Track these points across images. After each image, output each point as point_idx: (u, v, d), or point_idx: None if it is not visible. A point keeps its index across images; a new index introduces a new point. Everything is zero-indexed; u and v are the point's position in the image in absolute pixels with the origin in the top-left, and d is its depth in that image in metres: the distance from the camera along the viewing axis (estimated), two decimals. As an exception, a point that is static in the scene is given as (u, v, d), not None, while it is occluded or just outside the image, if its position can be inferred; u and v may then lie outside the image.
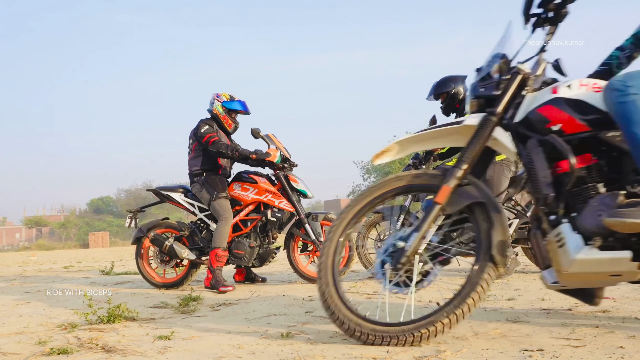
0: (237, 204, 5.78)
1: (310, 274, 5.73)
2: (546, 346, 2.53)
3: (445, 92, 5.69)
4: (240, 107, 5.91)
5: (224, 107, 5.86)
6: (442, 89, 5.72)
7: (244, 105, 5.93)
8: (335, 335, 3.10)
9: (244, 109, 5.92)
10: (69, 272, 9.75)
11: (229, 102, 5.88)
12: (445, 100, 5.73)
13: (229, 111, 5.88)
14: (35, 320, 4.08)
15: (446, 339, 2.82)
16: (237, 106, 5.88)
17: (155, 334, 3.34)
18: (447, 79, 5.74)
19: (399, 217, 5.63)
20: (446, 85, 5.71)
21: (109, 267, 9.08)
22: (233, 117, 5.91)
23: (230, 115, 5.88)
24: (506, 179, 5.47)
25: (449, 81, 5.72)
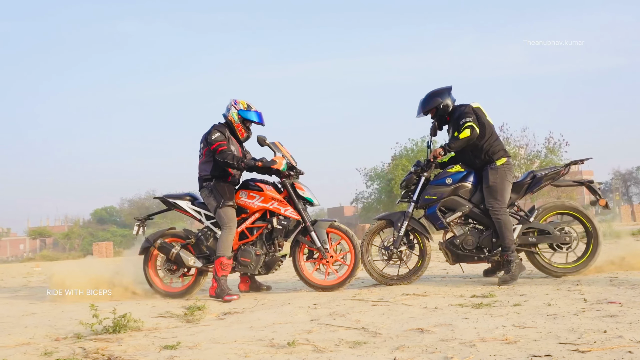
0: (243, 212, 5.77)
1: (316, 282, 5.72)
2: (554, 352, 2.53)
3: (434, 108, 5.71)
4: (257, 118, 5.89)
5: (240, 116, 5.84)
6: (429, 104, 5.72)
7: (259, 117, 5.91)
8: (341, 342, 3.09)
9: (259, 121, 5.89)
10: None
11: (246, 111, 5.86)
12: (435, 115, 5.74)
13: (244, 120, 5.86)
14: (41, 331, 4.08)
15: (453, 345, 2.81)
16: (253, 117, 5.86)
17: (161, 343, 3.34)
18: (432, 93, 5.75)
19: (402, 224, 5.62)
20: (433, 100, 5.71)
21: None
22: (247, 127, 5.88)
23: (244, 124, 5.86)
24: (509, 183, 5.46)
25: (435, 96, 5.72)
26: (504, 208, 5.39)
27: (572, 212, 5.54)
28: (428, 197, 5.61)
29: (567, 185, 5.91)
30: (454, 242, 5.55)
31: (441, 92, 5.73)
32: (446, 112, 5.69)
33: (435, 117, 5.75)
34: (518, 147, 30.08)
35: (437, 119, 5.74)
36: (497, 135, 5.67)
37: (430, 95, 5.76)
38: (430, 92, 5.77)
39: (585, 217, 5.49)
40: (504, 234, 5.31)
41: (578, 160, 5.82)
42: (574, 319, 3.34)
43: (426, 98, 5.78)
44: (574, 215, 5.54)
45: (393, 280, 5.67)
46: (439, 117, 5.73)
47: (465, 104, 5.63)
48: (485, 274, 5.92)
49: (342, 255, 5.74)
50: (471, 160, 5.59)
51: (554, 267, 5.47)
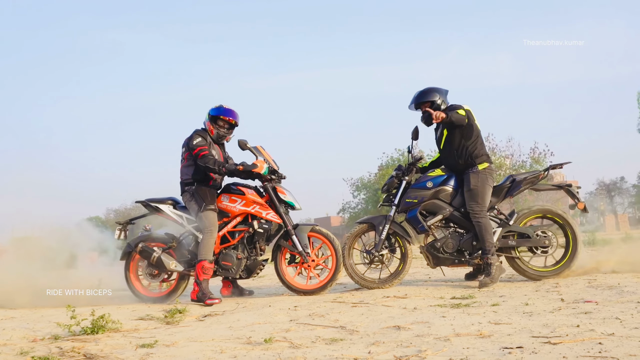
0: (225, 216, 5.76)
1: (298, 286, 5.71)
2: (526, 344, 2.55)
3: (430, 102, 5.69)
4: (224, 112, 5.83)
5: (210, 115, 5.85)
6: (427, 97, 5.69)
7: (229, 112, 5.87)
8: (318, 339, 3.10)
9: (227, 115, 5.86)
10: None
11: (216, 109, 5.85)
12: (426, 112, 5.72)
13: (215, 118, 5.85)
14: (18, 333, 4.04)
15: (428, 339, 2.83)
16: (221, 111, 5.81)
17: (138, 342, 3.33)
18: (432, 88, 5.73)
19: (384, 227, 5.64)
20: (431, 94, 5.69)
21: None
22: (219, 125, 5.86)
23: (215, 122, 5.84)
24: (490, 187, 5.50)
25: (434, 91, 5.71)
26: (484, 211, 5.42)
27: (551, 215, 5.59)
28: (409, 200, 5.64)
29: (546, 189, 5.94)
30: (435, 245, 5.58)
31: (439, 90, 5.71)
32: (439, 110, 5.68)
33: (425, 113, 5.70)
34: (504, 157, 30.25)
35: (427, 116, 5.68)
36: (482, 140, 5.68)
37: (429, 89, 5.73)
38: (429, 87, 5.74)
39: (564, 220, 5.53)
40: (484, 237, 5.35)
41: (557, 165, 5.89)
42: (549, 316, 3.38)
43: (425, 90, 5.75)
44: (553, 219, 5.59)
45: (374, 284, 5.67)
46: (426, 115, 5.70)
47: (459, 104, 5.62)
48: (466, 278, 5.95)
49: (323, 260, 5.75)
50: (454, 161, 5.58)
51: (533, 270, 5.51)
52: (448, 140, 5.60)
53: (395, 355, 2.49)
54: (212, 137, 5.85)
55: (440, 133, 5.70)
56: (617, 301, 3.85)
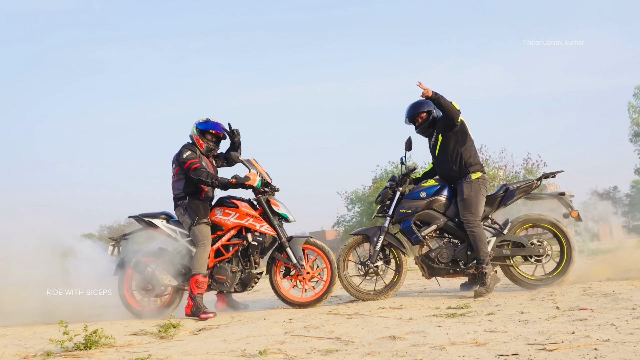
0: (218, 229, 5.74)
1: (293, 299, 5.68)
2: (522, 351, 2.54)
3: (426, 112, 5.71)
4: (212, 126, 5.88)
5: (198, 129, 5.86)
6: (421, 108, 5.72)
7: (217, 126, 5.91)
8: (313, 350, 3.08)
9: (216, 129, 5.90)
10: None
11: (203, 123, 5.87)
12: (424, 122, 5.74)
13: (203, 132, 5.86)
14: (10, 350, 4.01)
15: (424, 349, 2.82)
16: (209, 126, 5.84)
17: (131, 357, 3.30)
18: (421, 101, 5.75)
19: (379, 239, 5.63)
20: (425, 104, 5.68)
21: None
22: (208, 139, 5.87)
23: (204, 136, 5.85)
24: (483, 197, 5.51)
25: (423, 104, 5.71)
26: (478, 221, 5.43)
27: (545, 224, 5.59)
28: (403, 210, 5.64)
29: (540, 198, 5.94)
30: (430, 255, 5.57)
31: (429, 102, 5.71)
32: (434, 121, 5.71)
33: (423, 124, 5.74)
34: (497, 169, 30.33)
35: (426, 125, 5.72)
36: (475, 149, 5.69)
37: (419, 102, 5.73)
38: (418, 100, 5.71)
39: (558, 229, 5.54)
40: (478, 246, 5.34)
41: (550, 173, 5.90)
42: (544, 324, 3.37)
43: (417, 103, 5.76)
44: (547, 227, 5.59)
45: (370, 296, 5.65)
46: (428, 124, 5.72)
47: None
48: (462, 288, 5.93)
49: (318, 272, 5.72)
50: (448, 168, 5.58)
51: (528, 279, 5.50)
52: (442, 146, 5.60)
53: None
54: (201, 151, 5.86)
55: (434, 139, 5.71)
56: (612, 308, 3.84)
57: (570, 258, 5.47)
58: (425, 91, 5.38)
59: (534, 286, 5.44)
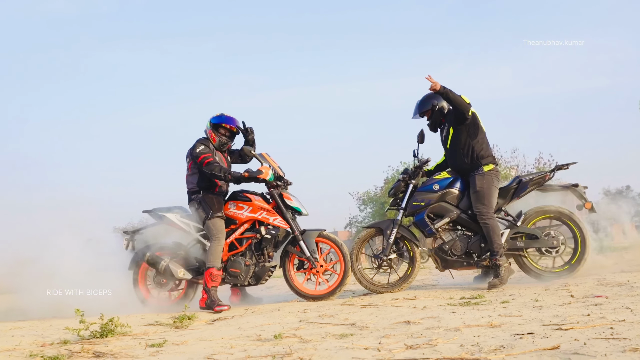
0: (232, 223, 5.77)
1: (307, 292, 5.69)
2: (537, 331, 2.54)
3: (430, 109, 5.75)
4: (225, 120, 5.90)
5: (211, 123, 5.89)
6: (425, 106, 5.77)
7: (230, 120, 5.93)
8: (328, 335, 3.09)
9: (228, 123, 5.93)
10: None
11: (217, 117, 5.89)
12: (431, 117, 5.78)
13: (216, 126, 5.89)
14: (27, 339, 4.04)
15: (439, 331, 2.82)
16: (222, 119, 5.88)
17: (148, 343, 3.33)
18: (429, 95, 5.78)
19: (392, 231, 5.63)
20: (429, 101, 5.76)
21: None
22: (221, 133, 5.89)
23: (217, 130, 5.88)
24: (496, 188, 5.49)
25: (431, 98, 5.77)
26: (491, 213, 5.41)
27: (559, 216, 5.57)
28: (416, 203, 5.64)
29: (553, 190, 5.91)
30: (443, 248, 5.56)
31: (437, 95, 5.73)
32: (442, 114, 5.72)
33: (430, 119, 5.79)
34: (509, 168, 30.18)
35: (432, 121, 5.78)
36: (488, 142, 5.68)
37: (427, 97, 5.78)
38: (426, 94, 5.78)
39: (572, 221, 5.51)
40: (492, 238, 5.32)
41: (563, 165, 5.85)
42: (559, 309, 3.36)
43: (423, 100, 5.81)
44: (561, 219, 5.56)
45: (383, 288, 5.65)
46: (433, 120, 5.77)
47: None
48: (475, 281, 5.92)
49: (332, 265, 5.73)
50: (460, 160, 5.58)
51: (542, 271, 5.48)
52: (454, 138, 5.60)
53: (407, 343, 2.49)
54: (214, 145, 5.88)
55: (446, 132, 5.71)
56: (627, 295, 3.83)
57: (584, 250, 5.44)
58: (433, 84, 5.39)
59: (548, 278, 5.41)
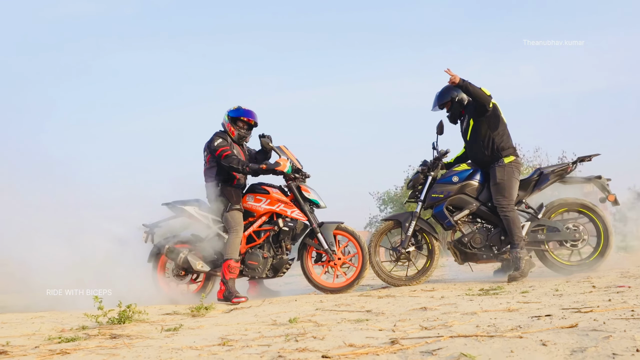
0: (250, 215, 5.77)
1: (324, 284, 5.66)
2: (555, 313, 2.49)
3: (449, 100, 5.69)
4: (243, 113, 5.92)
5: (229, 116, 5.90)
6: (445, 98, 5.71)
7: (247, 113, 5.95)
8: (343, 320, 3.07)
9: (246, 116, 5.95)
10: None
11: (234, 110, 5.91)
12: (450, 109, 5.71)
13: (234, 119, 5.91)
14: (47, 326, 4.08)
15: (455, 315, 2.79)
16: (240, 112, 5.90)
17: (164, 328, 3.34)
18: (448, 87, 5.71)
19: (410, 224, 5.58)
20: (448, 93, 5.69)
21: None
22: (239, 127, 5.92)
23: (235, 123, 5.90)
24: (517, 180, 5.41)
25: (450, 89, 5.70)
26: (511, 205, 5.33)
27: (581, 208, 5.47)
28: (435, 195, 5.58)
29: (575, 182, 5.80)
30: (462, 240, 5.50)
31: None
32: (462, 106, 5.66)
33: (450, 110, 5.73)
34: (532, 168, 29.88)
35: (451, 112, 5.72)
36: (509, 133, 5.58)
37: (446, 88, 5.71)
38: (445, 86, 5.71)
39: (594, 213, 5.41)
40: (512, 230, 5.25)
41: (585, 157, 5.74)
42: (580, 296, 3.30)
43: (442, 91, 5.75)
44: (583, 211, 5.47)
45: (402, 281, 5.60)
46: (453, 111, 5.71)
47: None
48: (495, 275, 5.85)
49: (350, 257, 5.70)
50: (480, 152, 5.50)
51: (564, 265, 5.38)
52: (474, 130, 5.53)
53: (422, 325, 2.45)
54: (232, 138, 5.89)
55: (466, 124, 5.64)
56: (651, 285, 3.75)
57: (607, 243, 5.34)
58: (452, 78, 5.34)
59: (570, 271, 5.31)
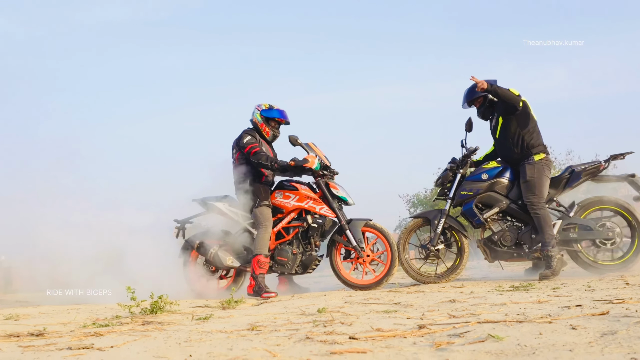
0: (279, 212, 5.82)
1: (353, 281, 5.67)
2: (587, 304, 2.47)
3: (479, 98, 5.62)
4: (279, 115, 6.02)
5: (262, 116, 5.97)
6: (474, 95, 5.62)
7: (282, 114, 6.05)
8: (372, 311, 3.08)
9: (281, 117, 6.01)
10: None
11: (268, 110, 5.98)
12: (482, 106, 5.65)
13: (268, 120, 5.99)
14: (82, 315, 4.17)
15: (484, 306, 2.78)
16: (276, 114, 5.98)
17: (195, 317, 3.40)
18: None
19: (439, 221, 5.56)
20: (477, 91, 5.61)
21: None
22: (272, 126, 6.00)
23: (269, 123, 5.98)
24: (547, 178, 5.35)
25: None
26: (542, 203, 5.27)
27: (614, 207, 5.38)
28: (464, 192, 5.54)
29: (608, 180, 5.71)
30: (492, 239, 5.46)
31: (488, 81, 5.59)
32: (492, 104, 5.60)
33: (481, 107, 5.66)
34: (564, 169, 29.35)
35: (483, 109, 5.65)
36: (539, 131, 5.50)
37: (476, 85, 5.54)
38: (475, 83, 5.57)
39: (628, 212, 5.32)
40: (543, 229, 5.18)
41: (618, 155, 5.63)
42: (612, 291, 3.26)
43: (471, 89, 5.65)
44: (617, 210, 5.38)
45: (431, 279, 5.58)
46: (485, 107, 5.64)
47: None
48: (526, 274, 5.78)
49: (378, 255, 5.70)
50: (510, 150, 5.44)
51: (597, 264, 5.29)
52: (504, 128, 5.47)
53: (450, 313, 2.45)
54: (267, 139, 5.97)
55: (495, 122, 5.59)
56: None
57: (642, 242, 5.24)
58: (480, 84, 5.30)
59: (602, 270, 5.22)
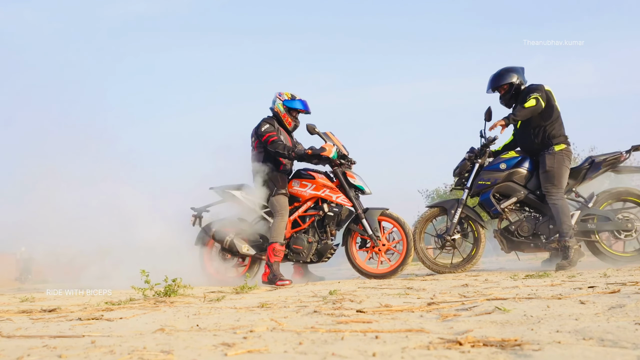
0: (296, 200, 5.83)
1: (368, 270, 5.66)
2: (600, 285, 2.44)
3: (508, 84, 5.54)
4: (301, 106, 6.03)
5: (285, 106, 5.98)
6: (504, 79, 5.53)
7: (304, 105, 6.05)
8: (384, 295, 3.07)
9: (304, 108, 6.02)
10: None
11: (290, 100, 5.99)
12: (507, 93, 5.56)
13: (290, 110, 6.00)
14: (96, 299, 4.23)
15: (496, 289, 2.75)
16: (298, 105, 5.99)
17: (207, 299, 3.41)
18: (507, 69, 5.53)
19: (456, 211, 5.51)
20: (508, 75, 5.52)
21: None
22: (294, 116, 6.00)
23: (290, 113, 5.99)
24: (567, 169, 5.28)
25: (510, 72, 5.53)
26: (561, 193, 5.20)
27: (634, 198, 5.30)
28: (481, 182, 5.49)
29: (629, 171, 5.62)
30: (509, 229, 5.40)
31: (515, 69, 5.52)
32: (517, 91, 5.51)
33: (506, 95, 5.57)
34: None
35: (508, 96, 5.56)
36: (562, 122, 5.41)
37: (505, 70, 5.53)
38: (503, 68, 5.55)
39: (649, 203, 5.23)
40: (561, 219, 5.12)
41: (639, 146, 5.55)
42: (627, 277, 3.21)
43: (499, 73, 5.58)
44: (636, 201, 5.30)
45: (446, 269, 5.54)
46: (510, 95, 5.54)
47: (539, 83, 5.44)
48: (543, 265, 5.72)
49: (394, 244, 5.68)
50: (530, 141, 5.37)
51: (615, 255, 5.22)
52: (525, 120, 5.38)
53: (460, 293, 2.44)
54: (288, 129, 5.98)
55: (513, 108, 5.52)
56: None
57: (662, 234, 5.16)
58: (500, 124, 5.28)
59: (621, 262, 5.14)
